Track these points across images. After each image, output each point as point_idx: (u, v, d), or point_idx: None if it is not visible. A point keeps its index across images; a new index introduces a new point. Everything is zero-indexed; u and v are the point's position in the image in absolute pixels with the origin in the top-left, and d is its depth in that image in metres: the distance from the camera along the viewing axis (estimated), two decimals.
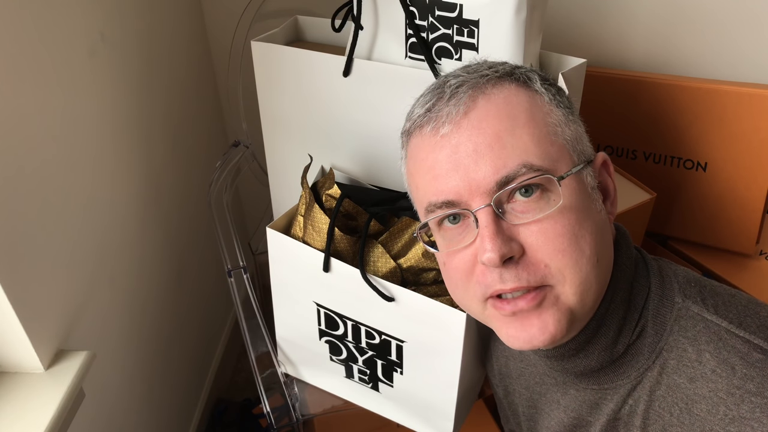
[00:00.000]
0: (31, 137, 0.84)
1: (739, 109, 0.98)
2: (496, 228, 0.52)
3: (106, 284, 1.06)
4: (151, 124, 1.23)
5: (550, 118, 0.55)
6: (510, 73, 0.56)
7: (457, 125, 0.54)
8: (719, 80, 1.02)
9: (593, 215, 0.55)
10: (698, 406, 0.53)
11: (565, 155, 0.54)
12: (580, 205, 0.53)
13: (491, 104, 0.54)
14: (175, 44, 1.38)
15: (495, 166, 0.52)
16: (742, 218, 1.04)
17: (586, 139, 0.58)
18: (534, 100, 0.55)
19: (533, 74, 0.57)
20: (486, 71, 0.56)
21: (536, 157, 0.52)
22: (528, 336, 0.55)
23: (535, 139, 0.53)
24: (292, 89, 0.95)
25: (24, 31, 0.82)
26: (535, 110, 0.54)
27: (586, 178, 0.55)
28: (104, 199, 1.05)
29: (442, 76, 0.60)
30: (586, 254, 0.53)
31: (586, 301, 0.55)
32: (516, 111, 0.54)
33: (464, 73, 0.57)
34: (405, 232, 0.84)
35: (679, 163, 1.06)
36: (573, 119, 0.57)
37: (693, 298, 0.57)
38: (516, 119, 0.53)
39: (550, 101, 0.56)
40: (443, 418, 0.89)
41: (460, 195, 0.54)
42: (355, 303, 0.85)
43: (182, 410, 1.45)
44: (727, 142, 1.00)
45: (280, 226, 0.89)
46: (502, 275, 0.53)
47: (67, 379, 0.85)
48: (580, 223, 0.53)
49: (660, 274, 0.60)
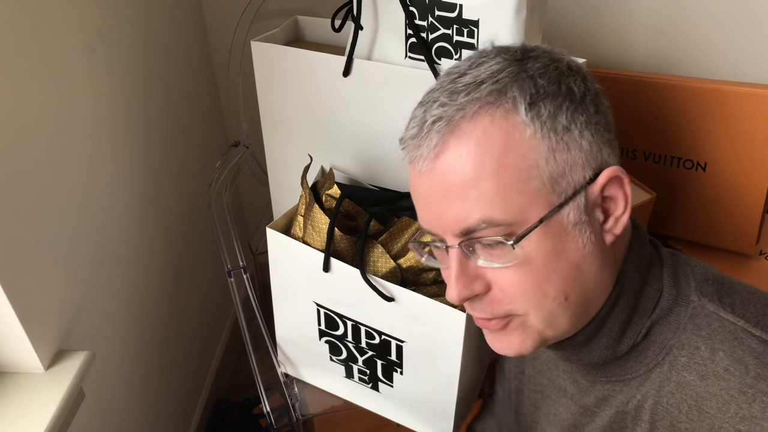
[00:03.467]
0: (30, 137, 0.84)
1: (739, 108, 0.98)
2: (461, 269, 0.54)
3: (106, 284, 1.06)
4: (150, 124, 1.23)
5: (525, 160, 0.51)
6: (494, 100, 0.51)
7: (431, 167, 0.53)
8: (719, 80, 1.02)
9: (567, 256, 0.53)
10: (708, 403, 0.53)
11: (538, 200, 0.51)
12: (547, 252, 0.52)
13: (461, 148, 0.51)
14: (175, 44, 1.38)
15: (458, 217, 0.53)
16: (742, 218, 1.04)
17: (584, 159, 0.52)
18: (510, 140, 0.51)
19: (525, 93, 0.51)
20: (470, 95, 0.52)
21: (499, 212, 0.51)
22: (498, 347, 0.59)
23: (501, 190, 0.51)
24: (292, 89, 0.95)
25: (22, 30, 0.82)
26: (508, 154, 0.51)
27: (567, 217, 0.52)
28: (104, 199, 1.05)
29: (438, 83, 0.57)
30: (550, 296, 0.54)
31: (557, 327, 0.56)
32: (486, 157, 0.51)
33: (448, 98, 0.53)
34: (405, 232, 0.84)
35: (679, 163, 1.06)
36: (565, 145, 0.51)
37: (709, 296, 0.56)
38: (484, 169, 0.51)
39: (534, 134, 0.51)
40: (443, 418, 0.89)
41: (436, 229, 0.56)
42: (355, 303, 0.85)
43: (182, 410, 1.45)
44: (727, 142, 1.00)
45: (280, 226, 0.89)
46: (471, 304, 0.57)
47: (67, 379, 0.85)
48: (546, 269, 0.53)
49: (675, 272, 0.59)
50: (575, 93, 0.53)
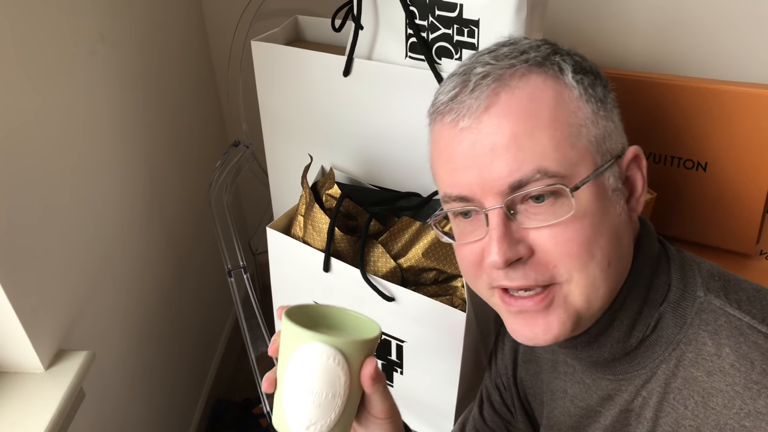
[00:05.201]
0: (31, 137, 0.84)
1: (739, 108, 0.98)
2: (504, 231, 0.52)
3: (106, 284, 1.06)
4: (151, 124, 1.23)
5: (575, 117, 0.52)
6: (541, 62, 0.53)
7: (477, 120, 0.52)
8: (719, 80, 1.02)
9: (610, 219, 0.53)
10: (714, 399, 0.53)
11: (587, 158, 0.52)
12: (596, 210, 0.52)
13: (513, 101, 0.52)
14: (175, 44, 1.38)
15: (509, 169, 0.51)
16: (742, 218, 1.04)
17: (616, 133, 0.55)
18: (561, 97, 0.52)
19: (568, 63, 0.54)
20: (515, 60, 0.53)
21: (553, 163, 0.51)
22: (531, 334, 0.55)
23: (554, 142, 0.51)
24: (292, 89, 0.95)
25: (24, 31, 0.82)
26: (559, 109, 0.52)
27: (608, 180, 0.53)
28: (104, 199, 1.05)
29: (471, 60, 0.57)
30: (596, 259, 0.52)
31: (593, 303, 0.54)
32: (539, 110, 0.51)
33: (493, 60, 0.54)
34: (405, 232, 0.84)
35: (680, 163, 1.06)
36: (604, 114, 0.54)
37: (716, 292, 0.56)
38: (537, 119, 0.51)
39: (580, 96, 0.53)
40: (443, 417, 0.89)
41: (474, 192, 0.53)
42: (355, 303, 0.85)
43: (182, 410, 1.45)
44: (727, 141, 1.00)
45: (280, 226, 0.89)
46: (508, 273, 0.53)
47: (67, 379, 0.85)
48: (594, 228, 0.52)
49: (682, 267, 0.59)
50: (601, 76, 0.56)
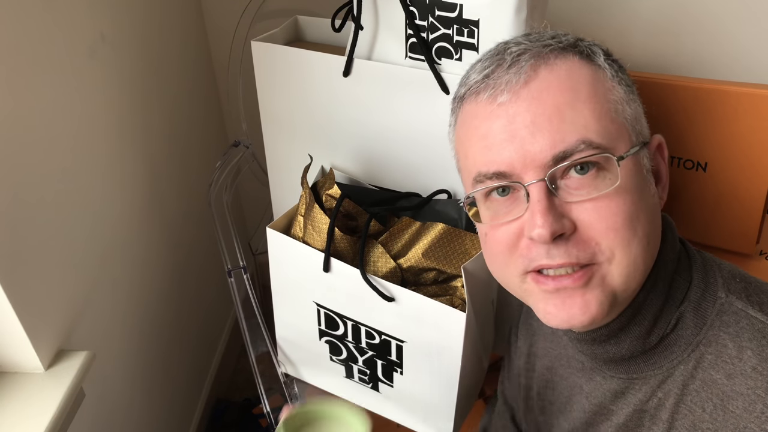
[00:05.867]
0: (31, 137, 0.84)
1: (739, 109, 0.98)
2: (549, 204, 0.51)
3: (106, 284, 1.06)
4: (151, 124, 1.23)
5: (611, 94, 0.53)
6: (574, 44, 0.55)
7: (516, 94, 0.52)
8: (719, 80, 1.02)
9: (647, 198, 0.54)
10: (734, 402, 0.52)
11: (625, 134, 0.53)
12: (636, 186, 0.52)
13: (553, 75, 0.52)
14: (176, 44, 1.38)
15: (553, 140, 0.50)
16: (742, 218, 1.03)
17: (644, 119, 0.56)
18: (597, 75, 0.53)
19: (597, 48, 0.55)
20: (549, 41, 0.54)
21: (596, 134, 0.51)
22: (567, 315, 0.53)
23: (596, 114, 0.51)
24: (292, 89, 0.95)
25: (24, 32, 0.82)
26: (597, 85, 0.53)
27: (643, 160, 0.54)
28: (104, 198, 1.05)
29: (501, 43, 0.57)
30: (638, 235, 0.52)
31: (630, 284, 0.53)
32: (578, 84, 0.52)
33: (526, 40, 0.55)
34: (405, 232, 0.84)
35: (679, 163, 1.06)
36: (633, 98, 0.55)
37: (737, 294, 0.55)
38: (578, 92, 0.52)
39: (613, 77, 0.54)
40: (443, 418, 0.89)
41: (513, 167, 0.52)
42: (355, 303, 0.85)
43: (182, 410, 1.45)
44: (727, 142, 1.00)
45: (280, 226, 0.89)
46: (550, 251, 0.52)
47: (67, 379, 0.85)
48: (636, 204, 0.52)
49: (703, 267, 0.58)
50: (624, 68, 0.57)
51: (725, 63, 1.21)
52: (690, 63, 1.24)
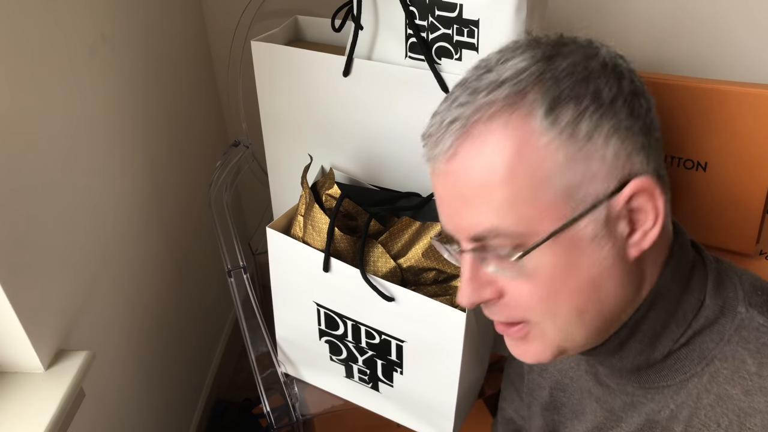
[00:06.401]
0: (31, 137, 0.84)
1: (739, 108, 0.98)
2: (472, 274, 0.53)
3: (106, 284, 1.06)
4: (151, 124, 1.23)
5: (540, 169, 0.48)
6: (513, 102, 0.49)
7: (445, 167, 0.52)
8: (719, 80, 1.02)
9: (582, 270, 0.50)
10: (752, 419, 0.50)
11: (552, 212, 0.49)
12: (559, 265, 0.50)
13: (473, 152, 0.50)
14: (176, 44, 1.38)
15: (469, 223, 0.51)
16: (742, 218, 1.03)
17: (606, 171, 0.49)
18: (525, 147, 0.48)
19: (547, 97, 0.48)
20: (488, 97, 0.49)
21: (509, 222, 0.49)
22: (518, 355, 0.57)
23: (509, 200, 0.49)
24: (292, 89, 0.95)
25: (24, 31, 0.82)
26: (520, 162, 0.48)
27: (585, 229, 0.49)
28: (104, 198, 1.05)
29: (462, 80, 0.54)
30: (562, 310, 0.52)
31: (575, 341, 0.54)
32: (497, 164, 0.49)
33: (468, 98, 0.50)
34: (405, 232, 0.84)
35: (679, 163, 1.06)
36: (588, 153, 0.48)
37: (759, 308, 0.53)
38: (494, 176, 0.49)
39: (552, 140, 0.48)
40: (443, 417, 0.89)
41: (452, 230, 0.55)
42: (355, 303, 0.85)
43: (182, 410, 1.45)
44: (727, 141, 1.00)
45: (280, 226, 0.89)
46: (487, 307, 0.55)
47: (67, 379, 0.85)
48: (558, 283, 0.51)
49: (720, 281, 0.56)
50: (603, 96, 0.49)
51: (726, 63, 1.21)
52: (690, 62, 1.24)
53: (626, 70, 0.51)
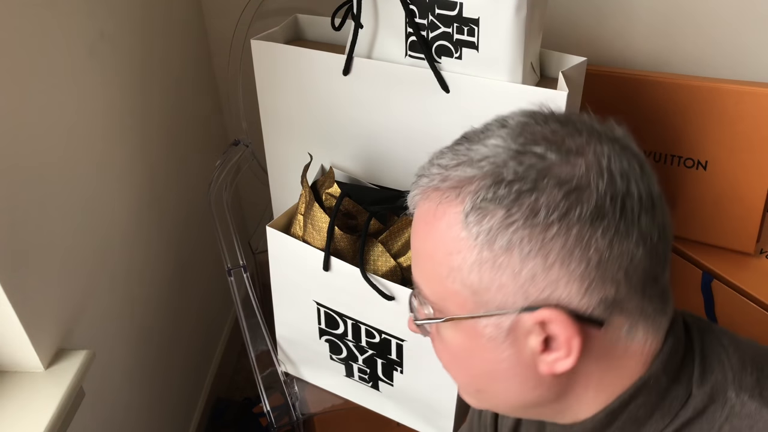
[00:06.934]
0: (30, 137, 0.84)
1: (739, 107, 0.97)
2: (410, 311, 0.57)
3: (105, 283, 1.05)
4: (150, 123, 1.23)
5: (451, 259, 0.48)
6: (455, 186, 0.48)
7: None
8: (720, 79, 1.02)
9: (479, 361, 0.51)
10: None
11: (458, 298, 0.49)
12: (458, 344, 0.52)
13: (418, 220, 0.52)
14: (175, 43, 1.38)
15: (412, 270, 0.55)
16: (743, 217, 1.04)
17: (518, 286, 0.46)
18: (444, 234, 0.48)
19: (476, 198, 0.46)
20: (447, 172, 0.49)
21: (427, 290, 0.52)
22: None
23: (427, 273, 0.51)
24: (292, 88, 0.95)
25: (23, 29, 0.82)
26: (438, 245, 0.49)
27: (484, 328, 0.48)
28: (104, 198, 1.05)
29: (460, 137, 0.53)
30: (462, 381, 0.55)
31: (491, 407, 0.57)
32: (424, 238, 0.51)
33: (439, 162, 0.50)
34: (405, 230, 0.83)
35: (680, 162, 1.06)
36: (502, 262, 0.46)
37: (750, 391, 0.50)
38: (421, 247, 0.52)
39: (467, 239, 0.46)
40: (443, 417, 0.89)
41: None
42: (355, 302, 0.85)
43: (182, 410, 1.45)
44: (727, 140, 1.00)
45: (280, 225, 0.89)
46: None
47: (67, 379, 0.85)
48: (456, 357, 0.54)
49: (708, 364, 0.52)
50: (539, 216, 0.44)
51: (726, 62, 1.21)
52: (691, 61, 1.24)
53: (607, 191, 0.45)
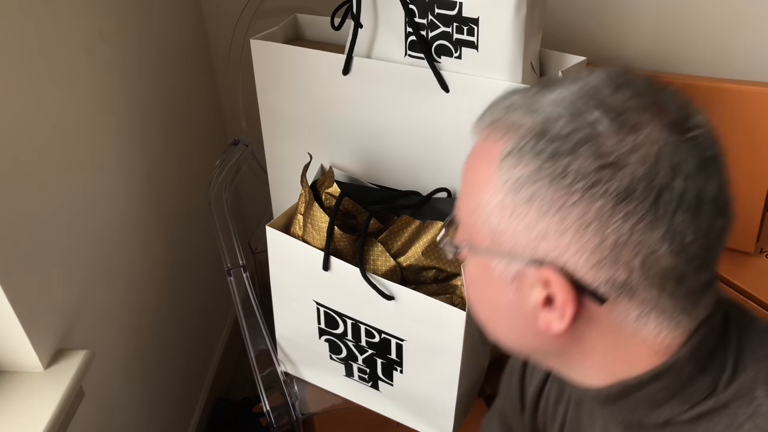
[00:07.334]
0: (30, 136, 0.84)
1: (739, 106, 0.97)
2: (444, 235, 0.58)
3: (105, 283, 1.05)
4: (150, 123, 1.23)
5: (480, 193, 0.48)
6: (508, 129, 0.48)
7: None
8: (720, 78, 1.02)
9: (486, 295, 0.53)
10: None
11: (479, 232, 0.50)
12: (474, 274, 0.54)
13: (472, 148, 0.52)
14: (175, 42, 1.38)
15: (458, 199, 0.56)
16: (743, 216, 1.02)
17: (529, 240, 0.46)
18: (482, 170, 0.49)
19: (520, 143, 0.46)
20: (500, 111, 0.49)
21: (461, 215, 0.53)
22: None
23: (463, 200, 0.52)
24: (291, 87, 0.95)
25: (23, 29, 0.82)
26: (474, 180, 0.50)
27: (496, 267, 0.49)
28: (103, 198, 1.04)
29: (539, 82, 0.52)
30: (473, 310, 0.56)
31: (498, 343, 0.56)
32: (469, 165, 0.52)
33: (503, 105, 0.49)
34: (405, 230, 0.83)
35: None
36: (521, 212, 0.46)
37: None
38: (466, 172, 0.52)
39: (498, 181, 0.47)
40: (443, 416, 0.89)
41: None
42: (355, 302, 0.85)
43: (182, 409, 1.45)
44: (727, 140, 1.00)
45: (279, 225, 0.89)
46: None
47: (66, 379, 0.85)
48: (472, 289, 0.55)
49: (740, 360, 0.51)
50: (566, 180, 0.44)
51: (726, 61, 1.21)
52: (691, 61, 1.24)
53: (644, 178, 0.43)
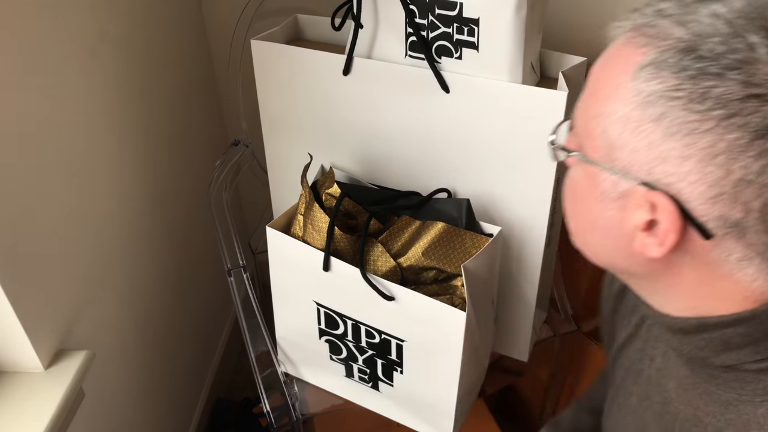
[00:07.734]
0: (30, 136, 0.84)
1: None
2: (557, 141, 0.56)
3: (105, 283, 1.05)
4: (150, 123, 1.23)
5: (605, 103, 0.46)
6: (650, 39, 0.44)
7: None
8: None
9: (586, 206, 0.51)
10: None
11: (594, 142, 0.47)
12: (579, 185, 0.51)
13: (606, 51, 0.49)
14: (175, 43, 1.38)
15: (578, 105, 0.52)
16: None
17: (647, 161, 0.44)
18: (609, 74, 0.46)
19: (662, 56, 0.42)
20: (648, 16, 0.45)
21: (578, 121, 0.50)
22: None
23: (583, 105, 0.50)
24: (291, 88, 0.95)
25: (24, 31, 0.82)
26: (601, 82, 0.47)
27: (604, 181, 0.47)
28: (103, 198, 1.05)
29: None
30: (567, 218, 0.55)
31: (586, 253, 0.55)
32: (598, 68, 0.49)
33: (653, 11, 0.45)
34: (405, 231, 0.83)
35: None
36: (645, 129, 0.43)
37: None
38: (593, 75, 0.49)
39: (628, 92, 0.44)
40: (443, 417, 0.89)
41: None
42: (355, 302, 0.85)
43: (182, 410, 1.45)
44: None
45: (280, 225, 0.89)
46: None
47: (66, 379, 0.85)
48: (571, 196, 0.54)
49: None
50: (705, 104, 0.40)
51: None
52: None
53: None
